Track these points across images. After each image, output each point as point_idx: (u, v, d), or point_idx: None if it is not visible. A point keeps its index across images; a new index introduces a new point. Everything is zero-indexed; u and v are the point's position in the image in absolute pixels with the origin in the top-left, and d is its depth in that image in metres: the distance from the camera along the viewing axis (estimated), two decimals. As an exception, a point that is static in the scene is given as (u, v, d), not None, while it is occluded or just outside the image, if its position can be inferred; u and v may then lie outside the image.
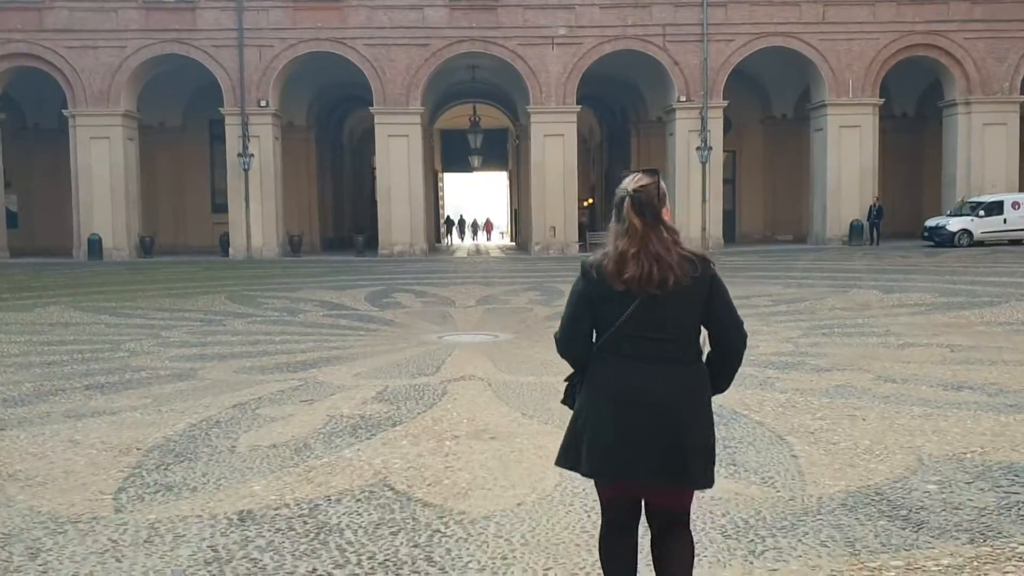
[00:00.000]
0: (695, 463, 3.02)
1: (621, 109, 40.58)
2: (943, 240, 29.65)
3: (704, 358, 3.17)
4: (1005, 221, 29.61)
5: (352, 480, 5.28)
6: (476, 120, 35.63)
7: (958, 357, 9.50)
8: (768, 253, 29.31)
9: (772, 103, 38.07)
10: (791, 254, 28.34)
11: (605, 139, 45.48)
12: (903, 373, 8.61)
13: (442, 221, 56.90)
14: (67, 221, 32.08)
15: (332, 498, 4.93)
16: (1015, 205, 29.67)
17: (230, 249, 31.34)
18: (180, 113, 36.60)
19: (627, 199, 3.06)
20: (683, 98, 31.47)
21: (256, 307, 16.34)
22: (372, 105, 31.77)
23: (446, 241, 55.63)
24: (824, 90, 31.95)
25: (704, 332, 3.12)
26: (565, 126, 31.46)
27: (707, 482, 3.10)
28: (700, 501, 4.29)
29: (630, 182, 3.12)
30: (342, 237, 40.77)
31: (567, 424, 3.27)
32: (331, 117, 41.48)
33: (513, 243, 49.00)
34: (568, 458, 3.17)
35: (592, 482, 3.30)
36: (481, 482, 5.20)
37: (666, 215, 3.13)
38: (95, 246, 29.84)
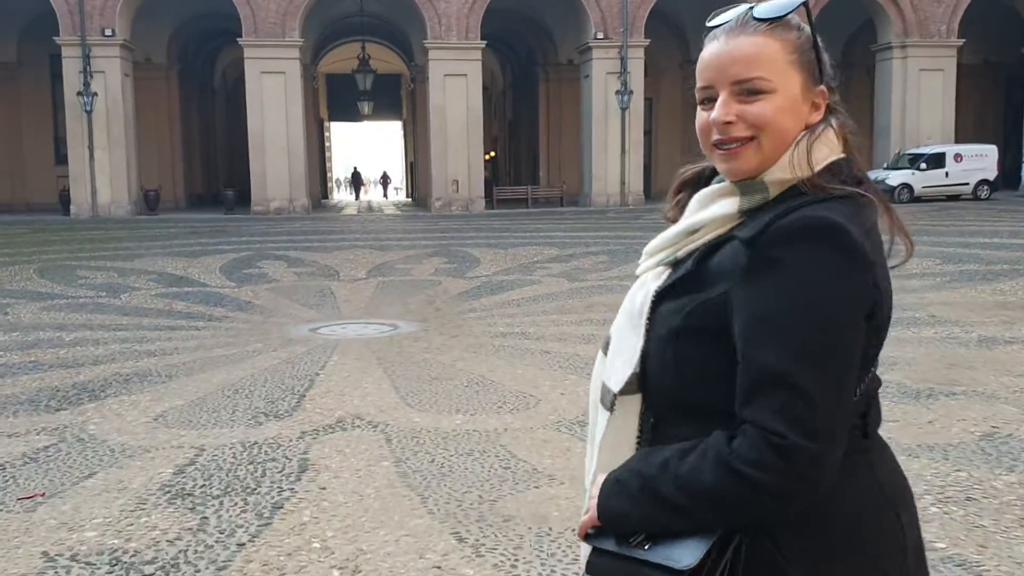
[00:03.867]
0: None
1: (528, 51, 36.84)
2: (881, 195, 27.18)
3: None
4: (947, 175, 27.32)
5: None
6: (365, 58, 31.29)
7: (1092, 364, 6.35)
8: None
9: (691, 46, 34.95)
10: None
11: (509, 86, 41.69)
12: (1057, 402, 5.37)
13: (329, 175, 52.19)
14: None
15: None
16: (957, 157, 27.41)
17: (72, 207, 26.42)
18: (14, 46, 30.99)
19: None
20: (600, 35, 27.96)
21: (69, 284, 12.18)
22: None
23: (336, 197, 51.03)
24: (753, 30, 28.97)
25: None
26: (468, 64, 27.55)
27: None
28: None
29: None
30: (214, 193, 35.92)
31: None
32: (199, 54, 36.36)
33: (409, 199, 45.05)
34: None
35: None
36: None
37: None
38: (-101, 203, 24.52)
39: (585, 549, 1.32)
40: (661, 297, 1.33)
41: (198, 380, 6.47)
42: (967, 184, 27.42)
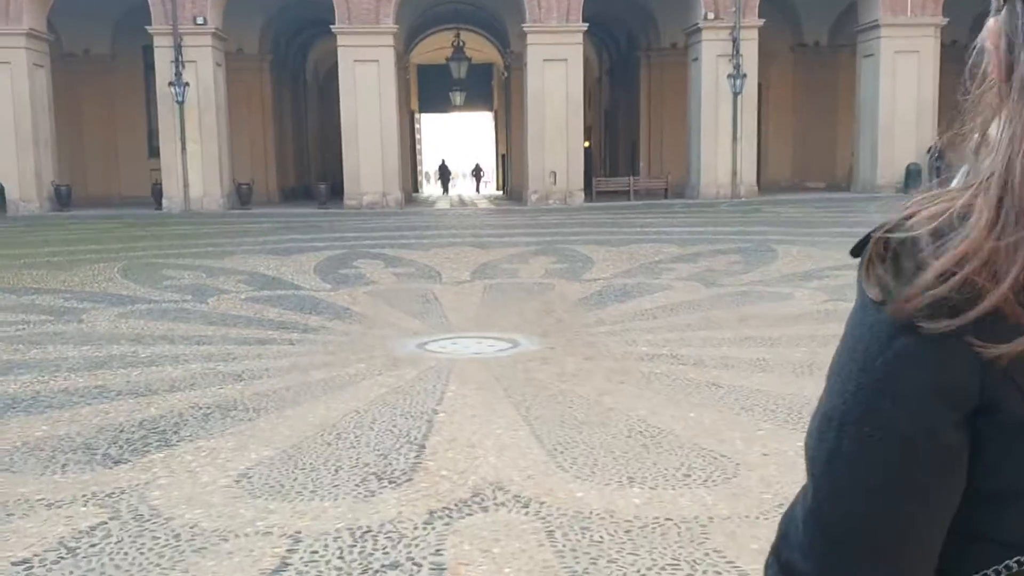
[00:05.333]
0: None
1: (628, 35, 35.18)
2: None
3: None
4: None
5: None
6: (460, 45, 30.15)
7: None
8: (817, 203, 24.28)
9: (803, 28, 32.86)
10: (847, 204, 23.37)
11: (606, 72, 40.07)
12: None
13: (420, 169, 51.23)
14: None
15: None
16: None
17: (164, 200, 25.96)
18: (108, 38, 30.88)
19: None
20: (711, 15, 26.17)
21: (153, 285, 11.23)
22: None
23: (426, 191, 50.14)
24: (876, 8, 26.73)
25: None
26: (569, 49, 26.09)
27: None
28: None
29: None
30: (307, 187, 35.35)
31: None
32: (291, 45, 35.80)
33: (501, 192, 43.90)
34: None
35: None
36: None
37: None
38: (-6, 197, 24.35)
39: None
40: None
41: (292, 417, 5.25)
42: None
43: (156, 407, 5.55)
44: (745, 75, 25.97)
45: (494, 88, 47.89)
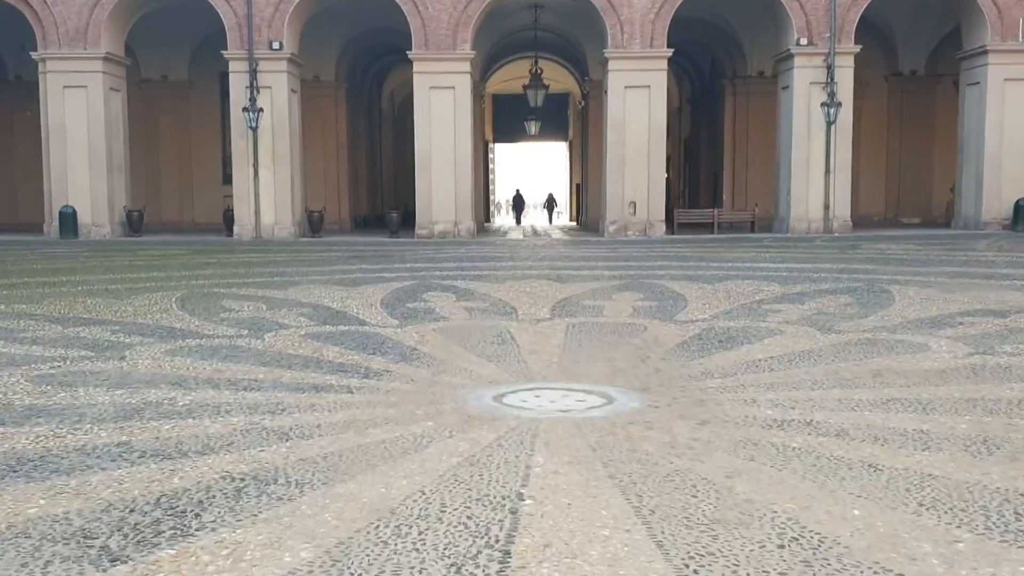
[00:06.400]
0: None
1: (712, 62, 34.00)
2: None
3: None
4: None
5: None
6: (538, 72, 29.33)
7: None
8: (918, 240, 22.65)
9: (899, 56, 31.24)
10: (952, 241, 21.70)
11: (687, 101, 38.88)
12: None
13: (492, 198, 50.53)
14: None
15: None
16: None
17: (235, 227, 25.54)
18: (186, 64, 30.91)
19: None
20: (803, 41, 24.84)
21: (209, 317, 10.42)
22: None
23: (498, 221, 49.33)
24: (984, 32, 25.07)
25: None
26: (652, 75, 25.02)
27: None
28: None
29: None
30: (379, 216, 34.87)
31: None
32: (367, 74, 35.53)
33: (575, 223, 42.90)
34: None
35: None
36: None
37: None
38: (68, 220, 24.14)
39: None
40: None
41: (341, 497, 4.20)
42: None
43: (180, 476, 4.56)
44: (840, 104, 24.54)
45: (569, 117, 47.10)
